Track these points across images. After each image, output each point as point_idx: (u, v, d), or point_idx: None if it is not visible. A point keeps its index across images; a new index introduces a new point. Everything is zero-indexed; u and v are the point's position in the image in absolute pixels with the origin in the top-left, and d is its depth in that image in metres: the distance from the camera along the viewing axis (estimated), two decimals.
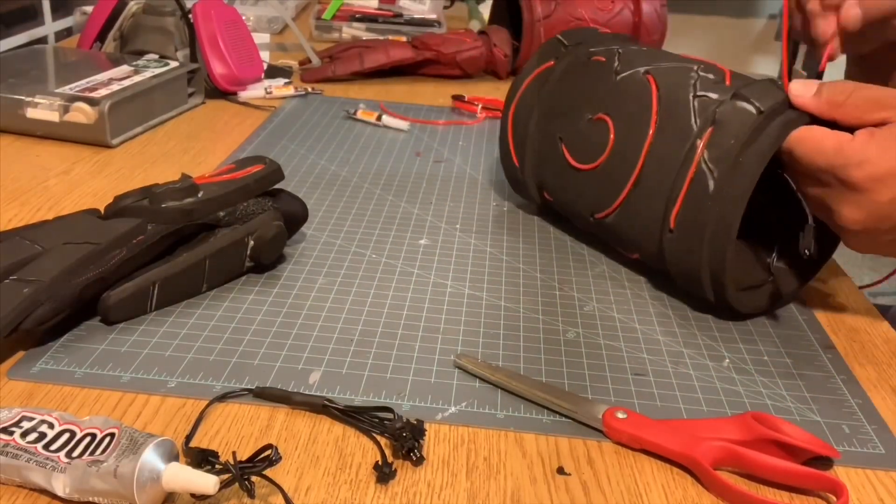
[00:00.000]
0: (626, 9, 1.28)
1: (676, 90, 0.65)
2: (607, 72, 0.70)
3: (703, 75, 0.65)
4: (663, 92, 0.65)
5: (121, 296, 0.56)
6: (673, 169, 0.62)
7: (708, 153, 0.60)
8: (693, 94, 0.63)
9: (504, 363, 0.56)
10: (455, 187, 0.85)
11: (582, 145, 0.70)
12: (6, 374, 0.51)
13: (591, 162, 0.68)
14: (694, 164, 0.61)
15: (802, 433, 0.48)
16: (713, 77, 0.64)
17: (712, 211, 0.59)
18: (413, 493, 0.44)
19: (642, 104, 0.66)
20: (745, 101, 0.60)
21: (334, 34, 1.42)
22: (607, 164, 0.67)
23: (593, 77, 0.71)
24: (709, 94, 0.63)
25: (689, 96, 0.63)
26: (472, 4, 1.60)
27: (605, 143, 0.67)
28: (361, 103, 1.06)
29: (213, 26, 1.04)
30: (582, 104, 0.71)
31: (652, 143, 0.64)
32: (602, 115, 0.68)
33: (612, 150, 0.67)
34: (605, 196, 0.67)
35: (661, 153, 0.63)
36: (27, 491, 0.42)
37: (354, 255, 0.69)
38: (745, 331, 0.62)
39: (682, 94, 0.64)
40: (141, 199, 0.61)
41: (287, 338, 0.57)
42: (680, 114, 0.63)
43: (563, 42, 0.76)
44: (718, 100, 0.62)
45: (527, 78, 0.76)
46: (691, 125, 0.62)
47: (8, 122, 0.88)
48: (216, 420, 0.48)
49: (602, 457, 0.48)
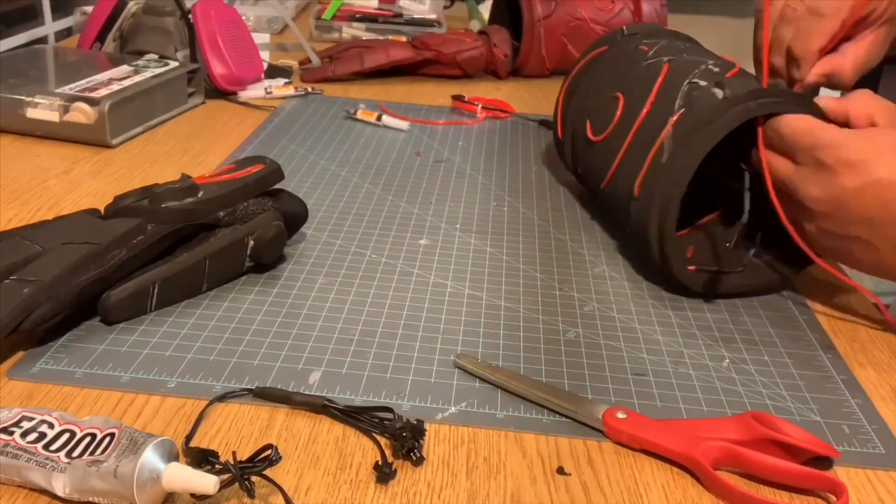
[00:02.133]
0: (626, 9, 1.28)
1: (679, 76, 0.68)
2: (641, 58, 0.74)
3: (709, 67, 0.68)
4: (668, 77, 0.69)
5: (121, 296, 0.56)
6: (651, 144, 0.66)
7: (673, 130, 0.64)
8: (688, 81, 0.67)
9: (504, 363, 0.56)
10: (455, 187, 0.85)
11: (599, 119, 0.74)
12: (6, 374, 0.51)
13: (601, 134, 0.73)
14: (660, 138, 0.65)
15: (802, 433, 0.48)
16: (718, 70, 0.67)
17: (661, 181, 0.63)
18: (413, 493, 0.44)
19: (648, 85, 0.70)
20: (719, 88, 0.64)
21: (334, 34, 1.42)
22: (612, 136, 0.71)
23: (628, 62, 0.75)
24: (699, 82, 0.66)
25: (683, 82, 0.67)
26: (471, 4, 1.60)
27: (613, 117, 0.72)
28: (361, 103, 1.06)
29: (212, 26, 1.04)
30: (610, 84, 0.75)
31: (644, 119, 0.68)
32: (618, 93, 0.73)
33: (616, 124, 0.71)
34: (606, 166, 0.71)
35: (647, 129, 0.67)
36: (27, 491, 0.42)
37: (354, 255, 0.69)
38: (745, 331, 0.62)
39: (680, 80, 0.67)
40: (141, 199, 0.61)
41: (287, 338, 0.57)
42: (671, 96, 0.67)
43: (622, 32, 0.81)
44: (702, 86, 0.65)
45: (581, 61, 0.82)
46: (674, 106, 0.66)
47: (8, 122, 0.88)
48: (216, 420, 0.48)
49: (602, 457, 0.48)
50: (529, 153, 0.96)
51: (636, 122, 0.69)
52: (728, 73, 0.66)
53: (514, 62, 1.27)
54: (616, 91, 0.73)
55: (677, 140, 0.64)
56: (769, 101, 0.62)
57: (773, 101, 0.62)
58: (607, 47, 0.80)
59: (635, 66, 0.74)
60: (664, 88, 0.68)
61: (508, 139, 1.00)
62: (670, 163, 0.63)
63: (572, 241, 0.75)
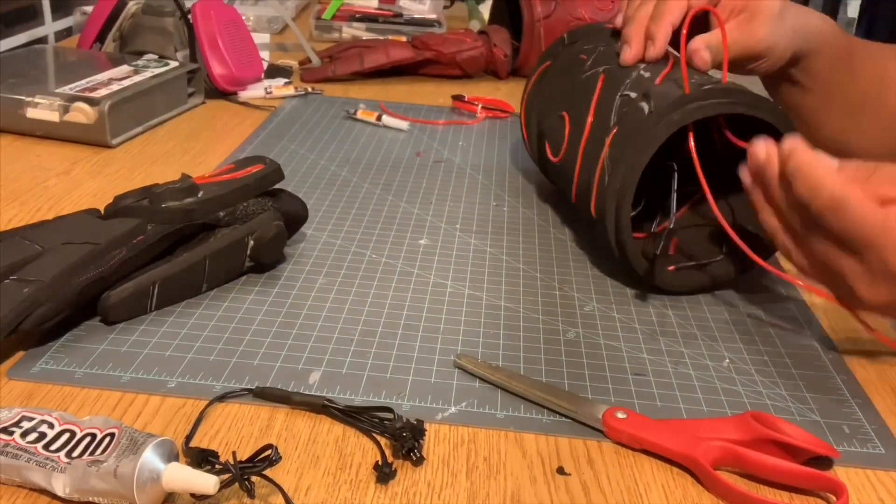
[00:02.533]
0: None
1: (612, 89, 0.67)
2: (580, 70, 0.73)
3: (641, 73, 0.67)
4: (603, 91, 0.68)
5: (121, 296, 0.56)
6: (595, 165, 0.65)
7: (610, 150, 0.64)
8: (620, 94, 0.66)
9: (504, 363, 0.56)
10: (455, 187, 0.85)
11: (553, 140, 0.74)
12: (6, 374, 0.51)
13: (558, 154, 0.73)
14: (601, 161, 0.64)
15: (802, 433, 0.48)
16: (649, 76, 0.66)
17: (608, 204, 0.63)
18: (413, 493, 0.44)
19: (587, 101, 0.69)
20: (644, 102, 0.63)
21: (334, 34, 1.42)
22: (566, 156, 0.71)
23: (569, 75, 0.74)
24: (630, 94, 0.65)
25: (616, 95, 0.66)
26: (472, 4, 1.60)
27: (564, 137, 0.71)
28: (361, 103, 1.06)
29: (212, 26, 1.04)
30: (557, 102, 0.74)
31: (587, 139, 0.68)
32: (564, 112, 0.72)
33: (567, 146, 0.71)
34: (568, 187, 0.71)
35: (591, 148, 0.67)
36: (27, 491, 0.42)
37: (354, 255, 0.69)
38: (745, 331, 0.62)
39: (613, 93, 0.67)
40: (141, 199, 0.61)
41: (287, 338, 0.57)
42: (605, 113, 0.66)
43: (563, 41, 0.79)
44: (632, 99, 0.64)
45: (531, 80, 0.80)
46: (609, 123, 0.65)
47: (8, 122, 0.88)
48: (216, 420, 0.48)
49: (602, 457, 0.48)
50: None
51: (582, 141, 0.68)
52: (658, 76, 0.65)
53: (514, 62, 1.27)
54: (563, 109, 0.72)
55: (613, 161, 0.63)
56: (692, 108, 0.60)
57: (697, 106, 0.60)
58: (550, 62, 0.79)
59: (573, 81, 0.73)
60: (600, 103, 0.67)
61: (508, 139, 1.00)
62: (613, 184, 0.63)
63: (572, 241, 0.75)
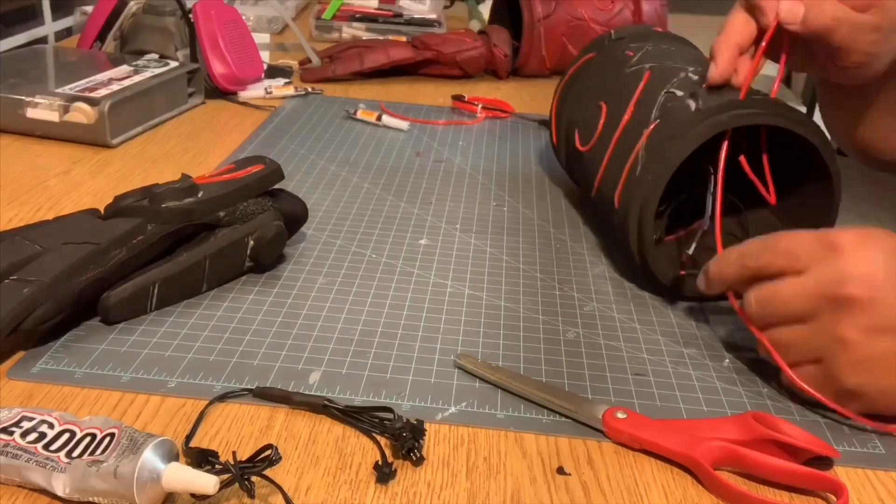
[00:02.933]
0: (626, 9, 1.28)
1: (658, 85, 0.67)
2: (625, 65, 0.73)
3: (689, 75, 0.67)
4: (648, 86, 0.68)
5: (121, 296, 0.56)
6: (629, 155, 0.65)
7: (648, 142, 0.63)
8: (665, 91, 0.66)
9: (504, 363, 0.56)
10: (455, 187, 0.85)
11: (586, 128, 0.73)
12: (6, 374, 0.51)
13: (587, 143, 0.72)
14: (636, 150, 0.64)
15: (802, 433, 0.48)
16: (696, 79, 0.66)
17: (636, 194, 0.63)
18: (413, 493, 0.44)
19: (629, 94, 0.69)
20: (692, 100, 0.63)
21: (334, 34, 1.42)
22: (596, 145, 0.71)
23: (614, 69, 0.74)
24: (676, 92, 0.65)
25: (661, 91, 0.66)
26: (471, 4, 1.60)
27: (598, 127, 0.71)
28: (361, 103, 1.06)
29: (213, 26, 1.04)
30: (595, 92, 0.74)
31: (623, 129, 0.67)
32: (601, 102, 0.72)
33: (599, 134, 0.71)
34: (593, 176, 0.71)
35: (626, 139, 0.67)
36: (27, 491, 0.42)
37: (354, 255, 0.69)
38: (745, 330, 0.62)
39: (659, 89, 0.67)
40: (141, 199, 0.61)
41: (287, 338, 0.57)
42: (648, 106, 0.66)
43: (610, 36, 0.80)
44: (678, 97, 0.64)
45: (570, 69, 0.81)
46: (650, 117, 0.65)
47: (8, 122, 0.88)
48: (216, 420, 0.48)
49: (602, 457, 0.48)
50: (529, 153, 0.96)
51: (617, 131, 0.68)
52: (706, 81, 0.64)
53: (514, 62, 1.27)
54: (601, 99, 0.73)
55: (650, 152, 0.63)
56: (742, 114, 0.60)
57: (747, 112, 0.60)
58: (595, 54, 0.80)
59: (620, 73, 0.73)
60: (643, 98, 0.67)
61: (508, 139, 1.00)
62: (644, 175, 0.62)
63: (572, 241, 0.75)
